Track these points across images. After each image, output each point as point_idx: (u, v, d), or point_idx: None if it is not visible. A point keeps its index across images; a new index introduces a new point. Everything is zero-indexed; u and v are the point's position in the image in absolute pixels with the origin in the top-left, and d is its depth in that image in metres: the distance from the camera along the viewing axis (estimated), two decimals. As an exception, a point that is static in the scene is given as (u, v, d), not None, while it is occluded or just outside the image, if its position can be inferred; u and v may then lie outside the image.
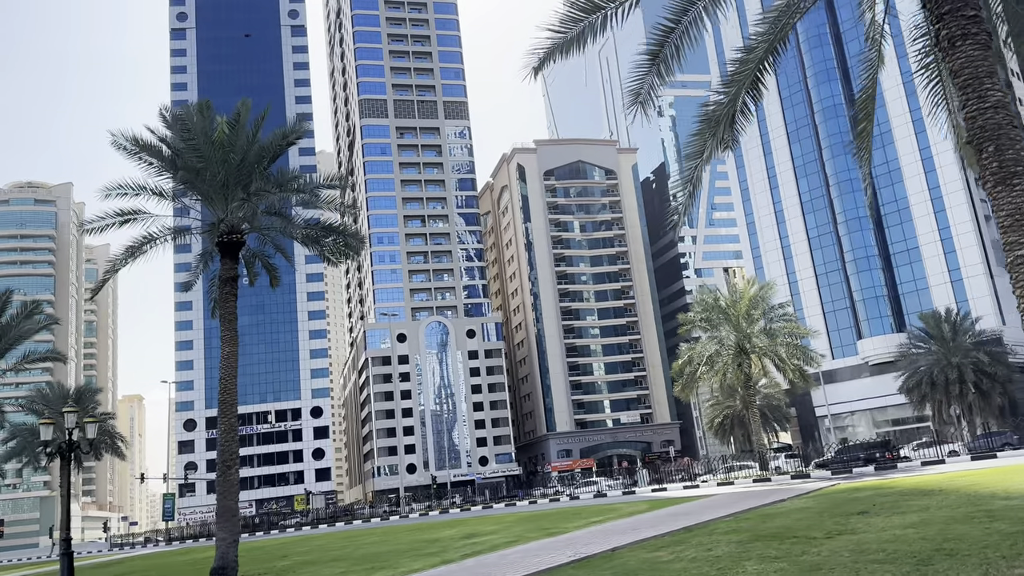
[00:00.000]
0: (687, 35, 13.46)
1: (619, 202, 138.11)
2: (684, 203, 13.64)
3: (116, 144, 21.56)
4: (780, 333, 43.68)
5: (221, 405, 21.72)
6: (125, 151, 21.73)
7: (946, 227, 69.75)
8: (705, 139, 12.93)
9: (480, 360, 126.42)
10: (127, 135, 21.63)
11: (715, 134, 12.78)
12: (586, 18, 12.84)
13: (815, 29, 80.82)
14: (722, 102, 12.72)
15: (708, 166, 13.86)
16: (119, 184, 22.79)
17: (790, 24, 12.84)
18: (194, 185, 21.91)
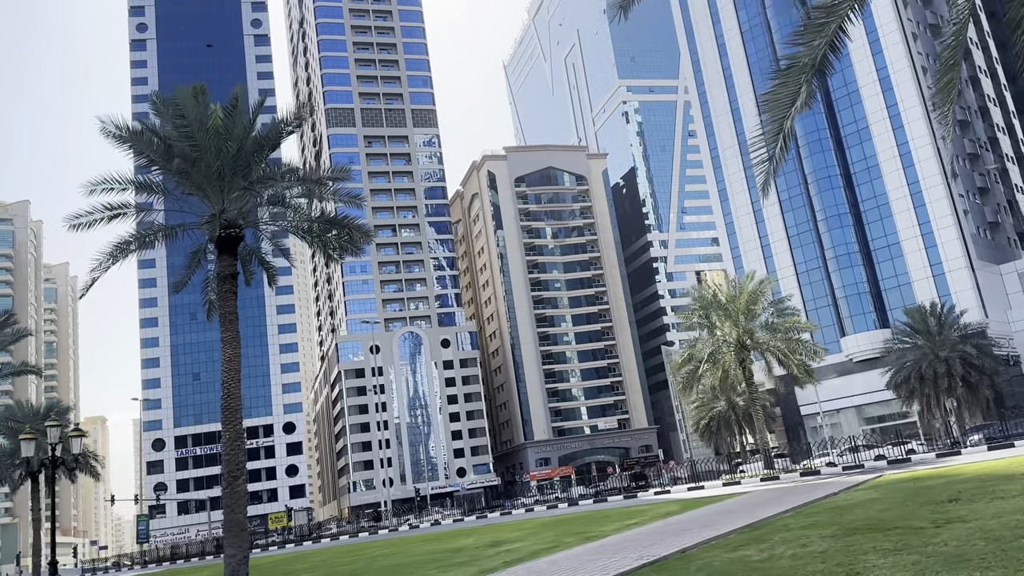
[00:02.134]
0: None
1: (591, 207, 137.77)
2: (776, 157, 12.41)
3: (105, 131, 19.90)
4: (781, 328, 43.02)
5: (225, 412, 20.08)
6: (115, 138, 20.05)
7: (926, 222, 70.07)
8: (795, 84, 11.75)
9: (455, 370, 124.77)
10: (117, 122, 19.95)
11: (807, 79, 11.63)
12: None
13: (789, 27, 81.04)
14: (813, 45, 11.56)
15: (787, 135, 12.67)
16: (104, 179, 21.09)
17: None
18: (189, 176, 20.29)
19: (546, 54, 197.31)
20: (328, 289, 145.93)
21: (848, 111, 76.45)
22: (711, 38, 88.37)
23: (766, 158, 12.33)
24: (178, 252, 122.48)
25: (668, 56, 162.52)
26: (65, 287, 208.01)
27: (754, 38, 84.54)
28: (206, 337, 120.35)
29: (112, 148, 22.30)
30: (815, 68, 11.65)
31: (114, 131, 20.05)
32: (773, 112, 12.21)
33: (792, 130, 12.23)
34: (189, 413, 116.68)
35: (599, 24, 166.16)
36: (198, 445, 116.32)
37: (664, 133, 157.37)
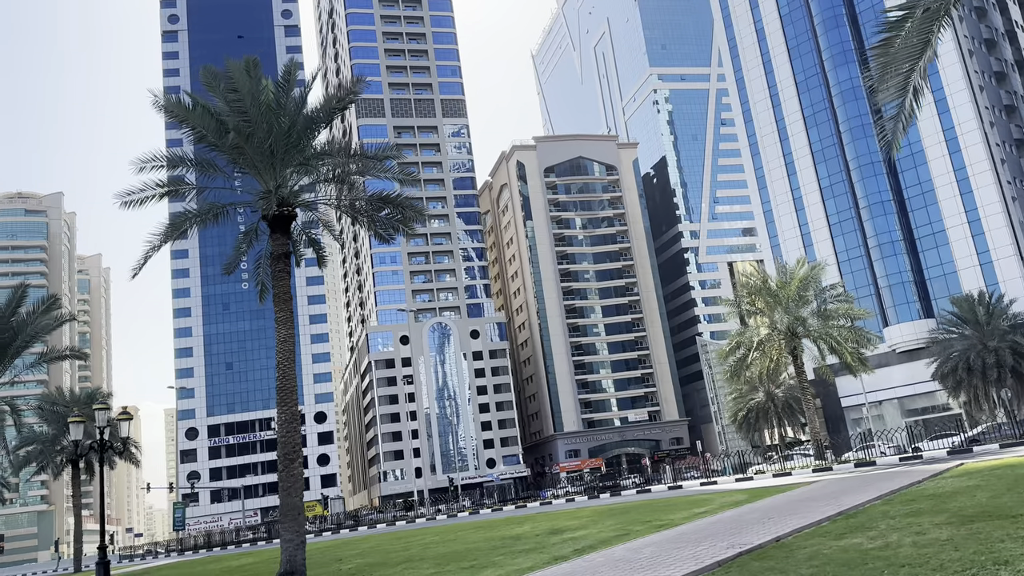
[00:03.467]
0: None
1: (621, 198, 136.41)
2: (907, 111, 11.50)
3: (157, 105, 19.42)
4: (835, 315, 41.81)
5: (280, 393, 19.58)
6: (167, 113, 19.59)
7: (973, 209, 68.12)
8: (923, 33, 10.82)
9: (484, 361, 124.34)
10: (168, 98, 19.47)
11: (937, 26, 10.71)
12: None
13: (831, 10, 79.26)
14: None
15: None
16: (154, 156, 20.66)
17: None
18: (242, 152, 19.76)
19: (575, 43, 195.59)
20: (358, 280, 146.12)
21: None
22: (749, 23, 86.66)
23: (893, 115, 11.37)
24: (211, 242, 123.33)
25: (700, 44, 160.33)
26: (98, 278, 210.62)
27: (794, 22, 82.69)
28: (238, 327, 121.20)
29: (143, 139, 21.93)
30: (945, 14, 10.71)
31: (166, 106, 19.58)
32: (897, 65, 11.24)
33: (921, 85, 11.25)
34: (222, 402, 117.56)
35: (630, 12, 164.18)
36: (231, 434, 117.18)
37: (695, 122, 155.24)
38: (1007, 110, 74.63)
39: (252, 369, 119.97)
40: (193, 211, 20.59)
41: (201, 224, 21.28)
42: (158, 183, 20.37)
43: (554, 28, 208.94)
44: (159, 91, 20.64)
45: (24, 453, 42.48)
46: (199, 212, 20.66)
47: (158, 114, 20.68)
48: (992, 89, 73.82)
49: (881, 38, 11.83)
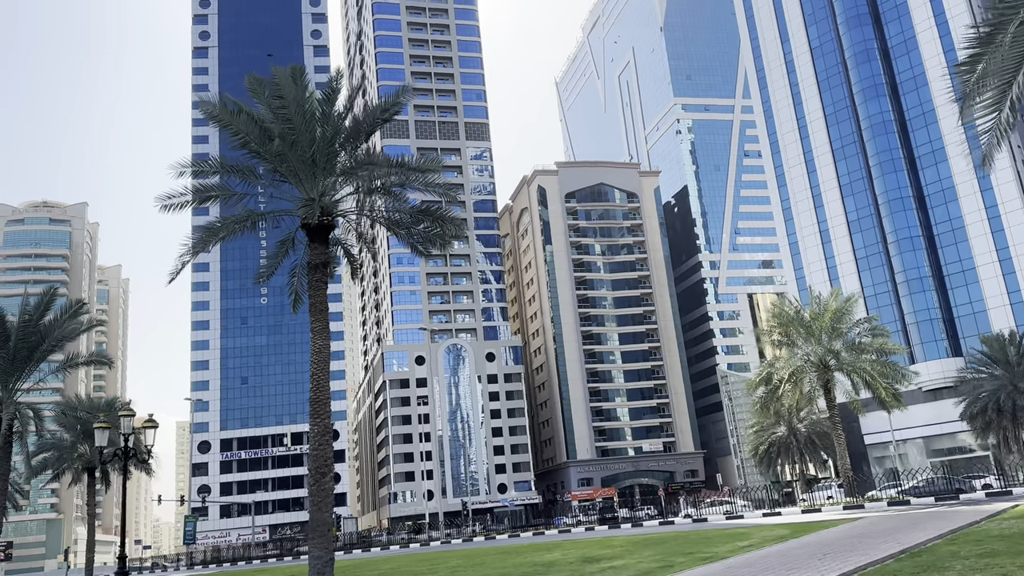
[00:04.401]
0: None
1: (641, 225, 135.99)
2: (1002, 126, 10.98)
3: (203, 110, 19.22)
4: (870, 348, 40.94)
5: (314, 404, 19.13)
6: (212, 118, 19.38)
7: (1004, 247, 67.16)
8: (1018, 43, 10.30)
9: (499, 384, 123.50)
10: (212, 103, 19.28)
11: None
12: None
13: (862, 44, 79.05)
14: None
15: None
16: (194, 161, 20.47)
17: None
18: (285, 159, 19.49)
19: (599, 71, 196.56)
20: (376, 299, 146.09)
21: (923, 131, 74.02)
22: (779, 55, 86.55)
23: (987, 128, 10.84)
24: (232, 255, 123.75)
25: (724, 75, 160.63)
26: (117, 289, 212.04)
27: (824, 55, 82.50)
28: (255, 341, 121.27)
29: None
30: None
31: (210, 111, 19.38)
32: (991, 78, 10.71)
33: (1019, 97, 10.73)
34: (235, 417, 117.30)
35: (655, 42, 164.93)
36: (243, 449, 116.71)
37: (718, 152, 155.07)
38: (1039, 148, 73.85)
39: (267, 384, 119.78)
40: (231, 217, 20.28)
41: (239, 231, 20.98)
42: (198, 187, 20.12)
43: (579, 56, 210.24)
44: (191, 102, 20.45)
45: (41, 459, 42.24)
46: (237, 219, 20.36)
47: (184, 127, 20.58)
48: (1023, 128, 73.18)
49: (969, 54, 11.31)
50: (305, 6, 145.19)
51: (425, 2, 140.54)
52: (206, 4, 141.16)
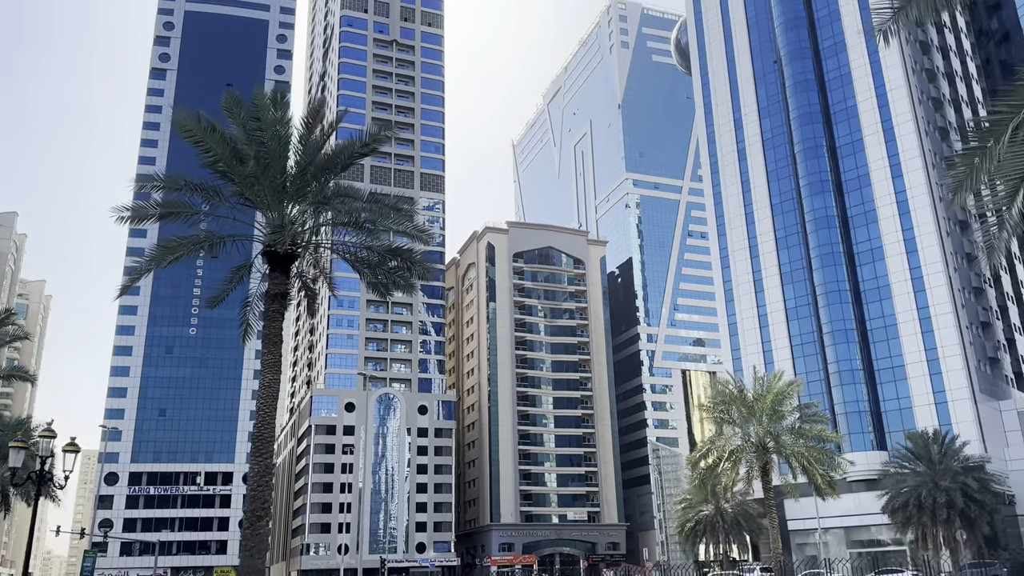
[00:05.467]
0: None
1: (585, 292, 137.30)
2: (1014, 218, 11.11)
3: (177, 125, 18.53)
4: (807, 434, 41.42)
5: (256, 442, 18.12)
6: (185, 133, 18.69)
7: (933, 348, 69.73)
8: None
9: (429, 439, 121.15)
10: (189, 115, 18.62)
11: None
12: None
13: (812, 141, 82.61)
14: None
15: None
16: (158, 176, 19.66)
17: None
18: (256, 182, 18.86)
19: (556, 139, 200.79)
20: (310, 340, 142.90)
21: (863, 228, 77.15)
22: (732, 142, 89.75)
23: (994, 224, 10.98)
24: (165, 282, 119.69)
25: (676, 156, 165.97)
26: (38, 304, 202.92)
27: (775, 147, 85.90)
28: (179, 373, 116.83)
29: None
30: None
31: (183, 125, 18.72)
32: (1005, 170, 10.93)
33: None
34: (149, 450, 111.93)
35: (612, 117, 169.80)
36: (153, 484, 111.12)
37: (663, 229, 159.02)
38: (968, 258, 77.63)
39: (186, 419, 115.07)
40: (191, 237, 19.44)
41: (196, 251, 20.10)
42: (157, 203, 19.27)
43: (537, 122, 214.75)
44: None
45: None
46: (198, 239, 19.53)
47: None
48: (957, 237, 76.96)
49: (971, 146, 11.59)
50: (272, 41, 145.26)
51: (392, 51, 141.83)
52: (170, 27, 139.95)
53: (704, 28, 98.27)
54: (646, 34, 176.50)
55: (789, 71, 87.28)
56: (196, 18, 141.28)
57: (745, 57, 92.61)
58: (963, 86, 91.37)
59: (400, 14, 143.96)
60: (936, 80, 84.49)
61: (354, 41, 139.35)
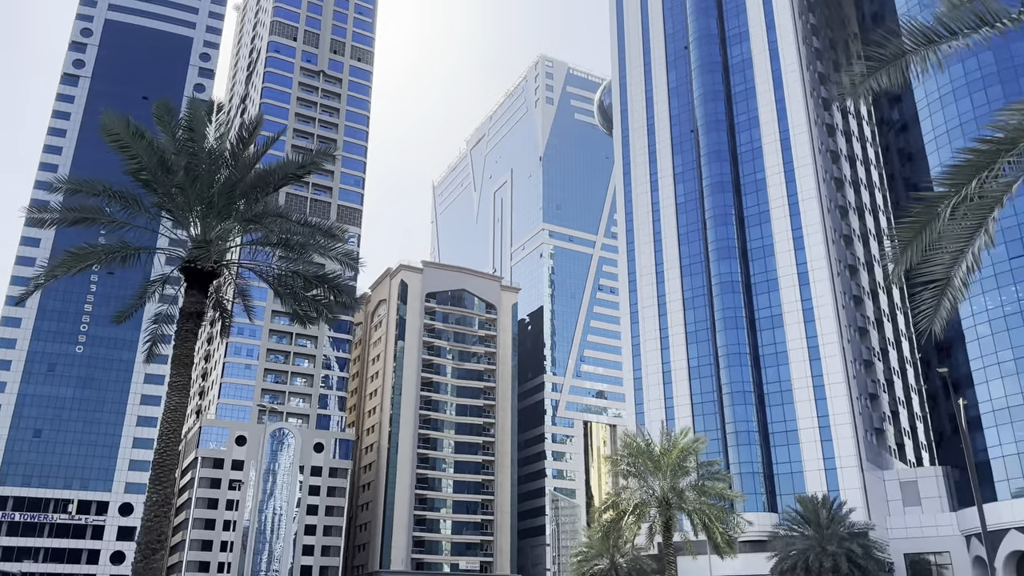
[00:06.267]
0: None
1: (495, 337, 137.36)
2: (957, 289, 11.55)
3: (105, 127, 17.58)
4: (710, 491, 42.15)
5: (157, 469, 16.93)
6: (111, 137, 17.75)
7: (825, 415, 72.71)
8: (976, 218, 11.06)
9: (323, 478, 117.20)
10: (119, 120, 17.72)
11: (991, 216, 11.03)
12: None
13: (722, 208, 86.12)
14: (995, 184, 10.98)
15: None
16: (76, 180, 18.57)
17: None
18: (184, 195, 18.03)
19: (477, 184, 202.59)
20: (204, 367, 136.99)
21: (765, 295, 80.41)
22: (648, 203, 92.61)
23: (940, 288, 11.47)
24: (55, 295, 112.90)
25: (591, 212, 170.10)
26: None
27: (687, 211, 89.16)
28: (59, 392, 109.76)
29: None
30: (998, 203, 11.13)
31: (110, 127, 17.77)
32: (945, 244, 11.45)
33: (974, 265, 11.45)
34: (18, 472, 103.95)
35: (533, 169, 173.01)
36: (19, 510, 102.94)
37: (575, 281, 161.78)
38: (860, 332, 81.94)
39: (64, 442, 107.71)
40: (105, 246, 18.35)
41: (108, 260, 18.96)
42: (71, 208, 18.15)
43: (459, 167, 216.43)
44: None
45: None
46: (112, 248, 18.45)
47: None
48: (851, 310, 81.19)
49: (910, 220, 12.13)
50: (194, 59, 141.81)
51: (319, 82, 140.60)
52: (88, 33, 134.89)
53: (627, 92, 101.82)
54: (570, 92, 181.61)
55: (704, 141, 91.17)
56: (117, 27, 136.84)
57: (664, 123, 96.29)
58: (863, 169, 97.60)
59: (330, 46, 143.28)
60: (839, 161, 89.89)
61: (280, 67, 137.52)
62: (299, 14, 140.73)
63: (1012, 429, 60.16)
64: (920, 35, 11.89)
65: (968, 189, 10.86)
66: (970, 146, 10.86)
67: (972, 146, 10.82)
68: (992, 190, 10.99)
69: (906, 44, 11.76)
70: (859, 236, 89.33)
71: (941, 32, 11.96)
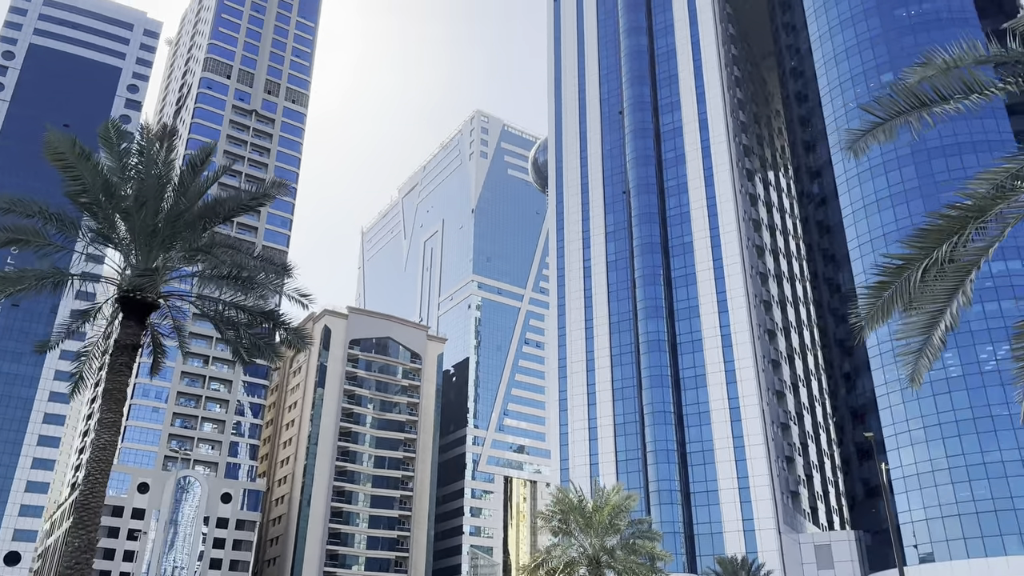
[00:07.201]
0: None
1: (419, 388, 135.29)
2: (935, 348, 11.76)
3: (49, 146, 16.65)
4: (640, 551, 41.79)
5: (80, 511, 15.66)
6: (55, 156, 16.82)
7: (744, 476, 73.94)
8: (955, 280, 11.34)
9: (229, 531, 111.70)
10: (60, 139, 16.83)
11: (968, 277, 11.37)
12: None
13: (651, 269, 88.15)
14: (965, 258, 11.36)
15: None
16: (8, 199, 17.48)
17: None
18: (129, 220, 17.16)
19: (407, 232, 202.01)
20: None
21: (689, 356, 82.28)
22: (579, 260, 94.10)
23: (914, 349, 11.71)
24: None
25: (520, 266, 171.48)
26: None
27: (617, 270, 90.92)
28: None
29: None
30: (975, 266, 11.52)
31: (55, 145, 16.87)
32: (927, 303, 11.72)
33: (952, 324, 11.73)
34: None
35: (465, 220, 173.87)
36: None
37: (502, 334, 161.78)
38: (778, 395, 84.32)
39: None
40: (35, 270, 17.22)
41: (35, 287, 17.79)
42: (8, 228, 17.03)
43: (390, 214, 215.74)
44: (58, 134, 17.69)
45: None
46: (42, 273, 17.32)
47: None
48: (770, 374, 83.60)
49: (878, 281, 12.48)
50: (121, 89, 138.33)
51: (251, 121, 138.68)
52: (10, 56, 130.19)
53: (563, 152, 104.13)
54: (504, 148, 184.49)
55: (636, 203, 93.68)
56: (42, 53, 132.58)
57: (598, 183, 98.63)
58: (782, 239, 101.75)
59: (264, 86, 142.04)
60: (760, 230, 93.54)
61: (211, 104, 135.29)
62: (235, 52, 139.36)
63: (921, 496, 62.38)
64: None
65: (939, 252, 11.37)
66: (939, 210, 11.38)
67: (941, 211, 11.36)
68: (965, 253, 11.50)
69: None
70: (778, 302, 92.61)
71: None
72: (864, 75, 76.07)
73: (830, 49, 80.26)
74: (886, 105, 12.26)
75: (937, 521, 61.14)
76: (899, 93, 11.79)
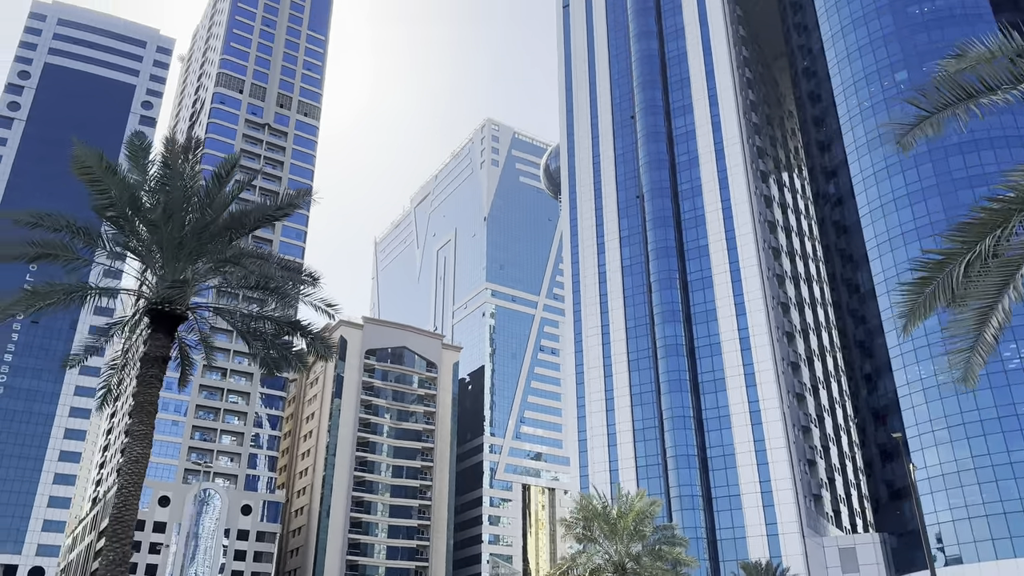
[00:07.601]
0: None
1: (435, 397, 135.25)
2: (989, 344, 11.55)
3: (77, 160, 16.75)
4: (666, 557, 41.45)
5: (115, 524, 15.68)
6: (83, 171, 16.92)
7: (767, 480, 73.30)
8: (1005, 273, 11.12)
9: (249, 543, 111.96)
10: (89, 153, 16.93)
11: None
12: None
13: (667, 273, 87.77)
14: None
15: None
16: (35, 214, 17.59)
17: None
18: (157, 232, 17.22)
19: (420, 242, 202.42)
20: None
21: (708, 359, 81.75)
22: (594, 266, 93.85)
23: (966, 347, 11.49)
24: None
25: (534, 273, 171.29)
26: None
27: (633, 275, 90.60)
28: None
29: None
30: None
31: (84, 159, 16.97)
32: (975, 299, 11.52)
33: (1005, 320, 11.50)
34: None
35: (478, 228, 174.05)
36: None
37: (517, 341, 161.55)
38: (798, 397, 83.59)
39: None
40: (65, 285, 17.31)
41: (63, 303, 17.88)
42: (34, 243, 17.13)
43: (403, 223, 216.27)
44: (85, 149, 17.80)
45: None
46: (70, 288, 17.40)
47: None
48: (789, 376, 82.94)
49: (918, 277, 12.25)
50: (136, 106, 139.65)
51: (264, 135, 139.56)
52: (26, 76, 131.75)
53: (576, 158, 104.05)
54: (515, 156, 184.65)
55: (650, 208, 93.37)
56: (57, 72, 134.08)
57: (611, 189, 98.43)
58: (798, 240, 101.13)
59: (276, 100, 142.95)
60: (776, 232, 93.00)
61: (224, 119, 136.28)
62: (247, 67, 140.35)
63: (947, 496, 61.60)
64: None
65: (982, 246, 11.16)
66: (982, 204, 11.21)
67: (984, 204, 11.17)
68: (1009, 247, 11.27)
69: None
70: (795, 304, 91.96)
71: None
72: (878, 73, 75.61)
73: (843, 48, 79.87)
74: (932, 98, 12.07)
75: (964, 522, 60.33)
76: (945, 84, 11.63)
